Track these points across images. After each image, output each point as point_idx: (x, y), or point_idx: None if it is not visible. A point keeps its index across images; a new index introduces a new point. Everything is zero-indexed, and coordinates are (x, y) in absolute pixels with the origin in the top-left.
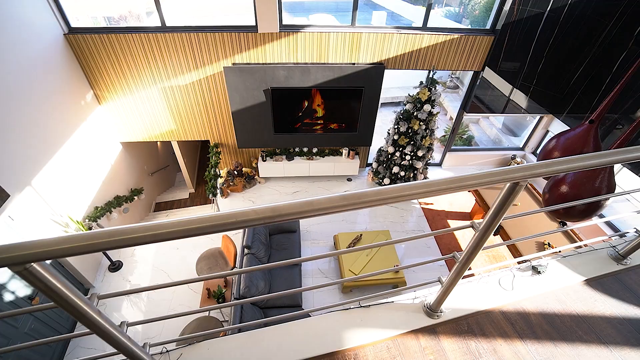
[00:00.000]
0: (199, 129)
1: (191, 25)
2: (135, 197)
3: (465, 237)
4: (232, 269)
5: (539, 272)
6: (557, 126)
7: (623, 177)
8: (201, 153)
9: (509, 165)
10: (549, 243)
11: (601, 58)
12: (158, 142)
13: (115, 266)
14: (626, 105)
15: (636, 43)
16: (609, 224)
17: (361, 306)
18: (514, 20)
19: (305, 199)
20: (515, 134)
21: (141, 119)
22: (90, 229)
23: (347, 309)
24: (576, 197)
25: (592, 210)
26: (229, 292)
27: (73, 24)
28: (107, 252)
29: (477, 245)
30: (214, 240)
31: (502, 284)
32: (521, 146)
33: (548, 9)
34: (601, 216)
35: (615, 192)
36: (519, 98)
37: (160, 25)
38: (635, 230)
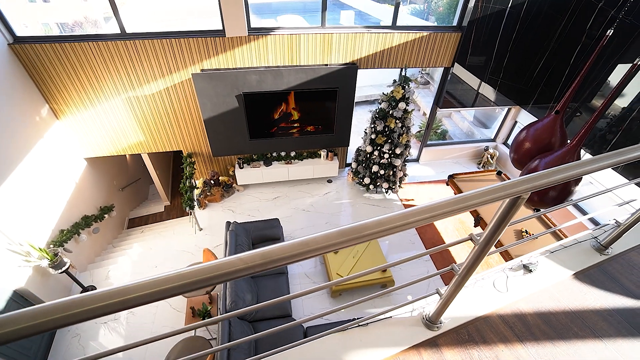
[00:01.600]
0: (170, 140)
1: (154, 31)
2: (106, 215)
3: (447, 231)
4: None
5: (530, 271)
6: (525, 116)
7: (602, 173)
8: (174, 163)
9: (483, 156)
10: (526, 230)
11: (559, 51)
12: (127, 155)
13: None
14: (584, 95)
15: (588, 37)
16: (592, 220)
17: (359, 325)
18: (479, 16)
19: (300, 239)
20: (486, 125)
21: (106, 132)
22: (55, 255)
23: (345, 329)
24: (549, 185)
25: (563, 198)
26: (215, 309)
27: (19, 33)
28: (78, 278)
29: (477, 258)
30: (195, 255)
31: (497, 286)
32: (492, 137)
33: (509, 5)
34: (584, 213)
35: (597, 190)
36: (488, 91)
37: (119, 32)
38: (615, 221)
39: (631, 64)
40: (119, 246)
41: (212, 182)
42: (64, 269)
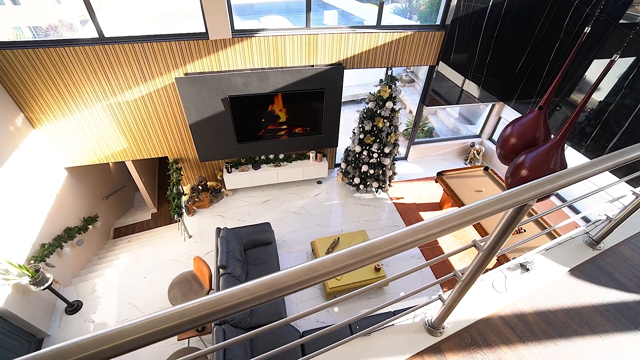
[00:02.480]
0: (155, 146)
1: (134, 35)
2: (90, 226)
3: None
4: (208, 292)
5: (527, 270)
6: (508, 112)
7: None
8: (160, 168)
9: (469, 152)
10: None
11: (539, 48)
12: (110, 163)
13: (74, 307)
14: (564, 90)
15: (566, 33)
16: (584, 218)
17: (362, 336)
18: (462, 15)
19: (307, 264)
20: (471, 122)
21: (87, 140)
22: (37, 270)
23: (349, 341)
24: (535, 179)
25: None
26: None
27: None
28: (63, 293)
29: (480, 265)
30: (184, 263)
31: (496, 287)
32: (478, 133)
33: (490, 3)
34: (573, 209)
35: (585, 187)
36: (472, 88)
37: (97, 36)
38: (606, 216)
39: (609, 60)
40: (105, 257)
41: (200, 187)
42: (46, 285)
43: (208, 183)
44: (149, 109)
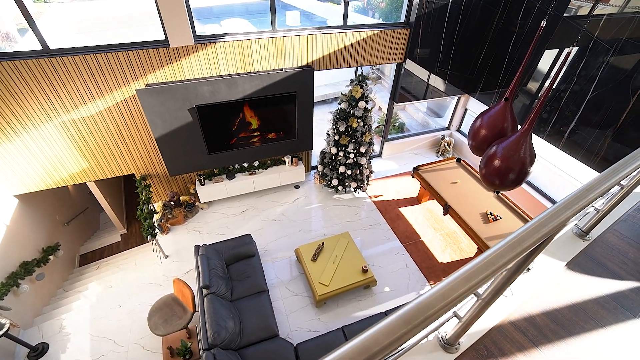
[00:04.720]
0: (119, 163)
1: (85, 45)
2: (51, 257)
3: (418, 221)
4: (192, 315)
5: (528, 269)
6: (473, 103)
7: (573, 167)
8: (127, 184)
9: (440, 145)
10: (491, 213)
11: (497, 42)
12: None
13: (38, 351)
14: (523, 81)
15: (520, 27)
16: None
17: None
18: (425, 12)
19: (355, 342)
20: (439, 115)
21: (38, 163)
22: None
23: None
24: (507, 168)
25: (521, 179)
26: (196, 343)
27: None
28: (23, 337)
29: (505, 283)
30: (163, 286)
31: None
32: (447, 126)
33: (450, 0)
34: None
35: (564, 180)
36: (438, 83)
37: (41, 48)
38: (594, 208)
39: (557, 50)
40: (72, 289)
41: (173, 203)
42: (1, 332)
43: (181, 198)
44: (109, 124)
